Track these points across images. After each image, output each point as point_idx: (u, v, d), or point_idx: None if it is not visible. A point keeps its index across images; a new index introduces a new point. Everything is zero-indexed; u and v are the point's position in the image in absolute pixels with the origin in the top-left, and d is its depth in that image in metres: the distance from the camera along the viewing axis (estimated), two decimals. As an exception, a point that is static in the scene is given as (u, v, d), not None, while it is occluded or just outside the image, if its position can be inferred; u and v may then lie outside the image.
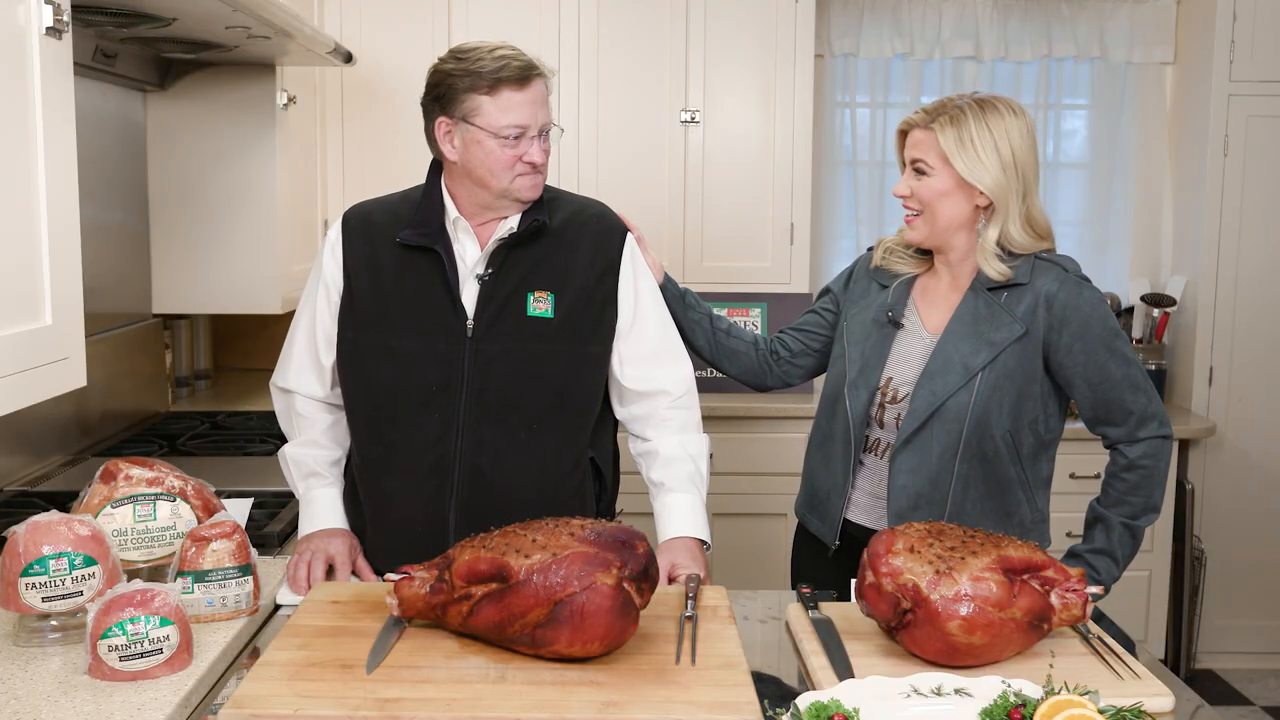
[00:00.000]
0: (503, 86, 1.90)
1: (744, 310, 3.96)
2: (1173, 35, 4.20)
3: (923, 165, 2.01)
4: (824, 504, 2.16)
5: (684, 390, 2.09)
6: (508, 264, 1.98)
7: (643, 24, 3.76)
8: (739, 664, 1.56)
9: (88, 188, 2.03)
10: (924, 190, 2.02)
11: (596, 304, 2.02)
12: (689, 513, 2.02)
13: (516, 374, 1.96)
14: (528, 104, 1.91)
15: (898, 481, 2.04)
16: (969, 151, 1.97)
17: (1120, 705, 1.35)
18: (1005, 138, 1.97)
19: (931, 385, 2.01)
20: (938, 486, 2.02)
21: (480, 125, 1.91)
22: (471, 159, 1.94)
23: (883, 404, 2.08)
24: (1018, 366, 2.00)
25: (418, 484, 1.98)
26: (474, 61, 1.91)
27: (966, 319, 2.03)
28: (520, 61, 1.92)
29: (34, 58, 1.50)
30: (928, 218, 2.03)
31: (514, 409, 1.97)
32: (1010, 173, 1.98)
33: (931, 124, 2.00)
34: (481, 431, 1.96)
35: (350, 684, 1.48)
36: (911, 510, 2.03)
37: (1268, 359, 4.06)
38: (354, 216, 2.06)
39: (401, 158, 3.70)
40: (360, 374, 2.00)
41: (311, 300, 2.07)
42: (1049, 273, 2.01)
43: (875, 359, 2.09)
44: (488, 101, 1.90)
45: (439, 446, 1.96)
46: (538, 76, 1.93)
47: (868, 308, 2.16)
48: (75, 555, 1.60)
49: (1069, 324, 1.99)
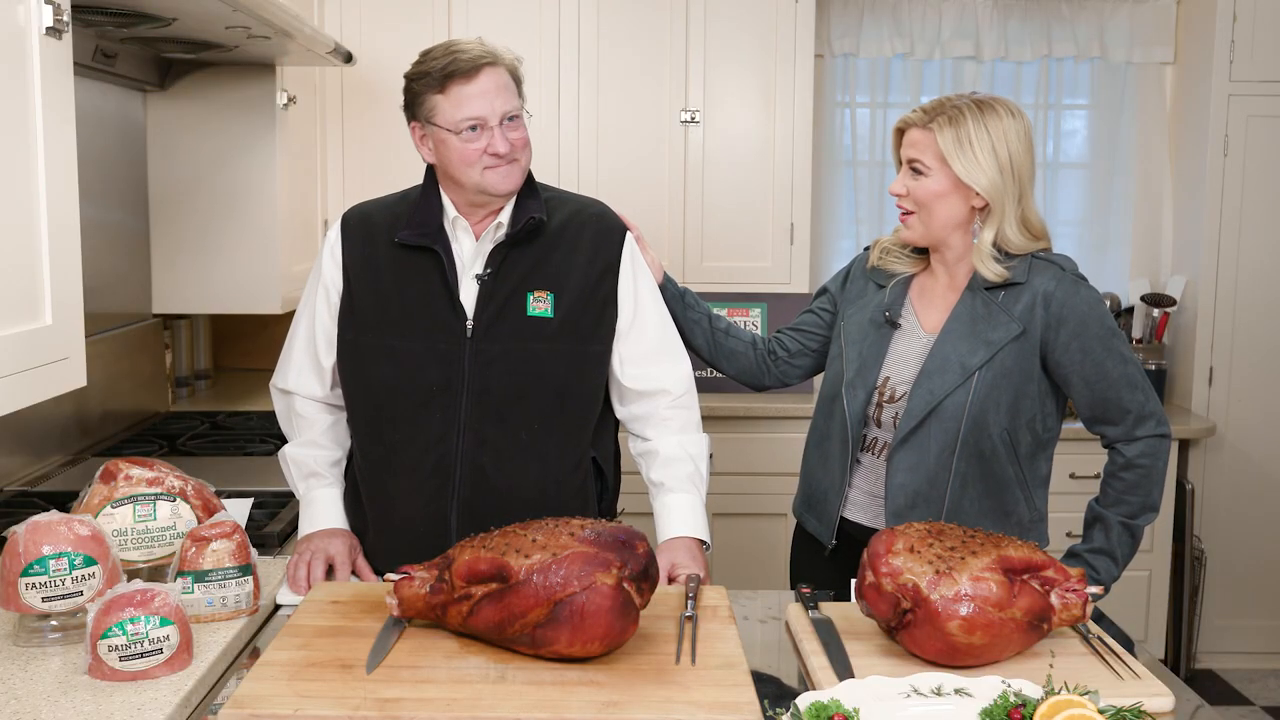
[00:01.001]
0: (451, 82, 1.90)
1: (744, 310, 3.96)
2: (1173, 35, 4.20)
3: (920, 165, 2.01)
4: (821, 503, 2.16)
5: (684, 390, 2.09)
6: (507, 264, 1.98)
7: (643, 24, 3.76)
8: (739, 664, 1.56)
9: (88, 188, 2.03)
10: (920, 191, 2.02)
11: (597, 303, 2.01)
12: (688, 513, 2.02)
13: (517, 374, 1.96)
14: (479, 95, 1.90)
15: (895, 480, 2.04)
16: (967, 153, 1.96)
17: (1120, 705, 1.35)
18: (1003, 140, 1.97)
19: (929, 384, 2.01)
20: (935, 485, 2.02)
21: (440, 124, 1.91)
22: (442, 159, 1.95)
23: (880, 403, 2.08)
24: (1015, 365, 2.00)
25: (419, 484, 1.97)
26: (429, 62, 1.92)
27: (964, 318, 2.03)
28: (469, 54, 1.90)
29: (34, 58, 1.50)
30: (923, 217, 2.04)
31: (515, 409, 1.97)
32: (1007, 175, 1.98)
33: (930, 124, 1.99)
34: (483, 431, 1.96)
35: (350, 684, 1.48)
36: (909, 509, 2.03)
37: (1268, 359, 4.06)
38: (353, 217, 2.06)
39: (401, 158, 3.69)
40: (360, 374, 2.00)
41: (311, 301, 2.07)
42: (1046, 272, 2.01)
43: (873, 359, 2.09)
44: (441, 99, 1.91)
45: (440, 446, 1.96)
46: (488, 65, 1.91)
47: (865, 308, 2.16)
48: (75, 555, 1.60)
49: (1066, 322, 1.99)
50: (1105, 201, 4.32)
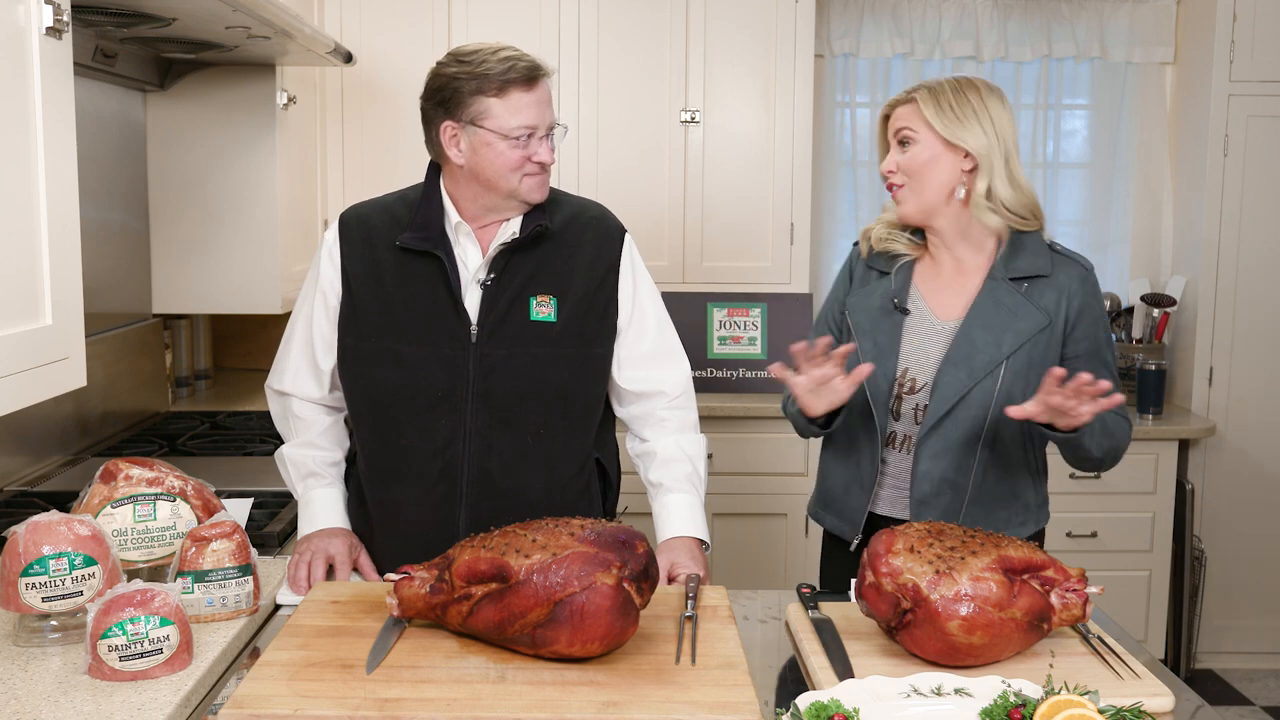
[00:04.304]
0: (511, 88, 1.89)
1: (744, 310, 3.96)
2: (1173, 35, 4.20)
3: (907, 133, 2.05)
4: (841, 499, 2.16)
5: (680, 391, 2.09)
6: (509, 269, 1.97)
7: (643, 24, 3.77)
8: (739, 664, 1.56)
9: (88, 188, 2.03)
10: (909, 161, 2.05)
11: (599, 305, 2.01)
12: (687, 513, 2.02)
13: (522, 379, 1.96)
14: (535, 104, 1.91)
15: (921, 467, 2.05)
16: (949, 114, 2.02)
17: (1120, 705, 1.35)
18: (983, 105, 2.03)
19: (956, 373, 2.03)
20: (961, 472, 2.05)
21: (489, 128, 1.90)
22: (480, 162, 1.92)
23: (899, 395, 2.09)
24: (1041, 356, 2.03)
25: (426, 489, 1.97)
26: (479, 64, 1.89)
27: (987, 307, 2.04)
28: (526, 62, 1.91)
29: (34, 58, 1.50)
30: (915, 188, 2.05)
31: (520, 413, 1.96)
32: (991, 135, 2.02)
33: (913, 94, 2.06)
34: (489, 436, 1.96)
35: (350, 684, 1.48)
36: (935, 495, 2.05)
37: (1268, 359, 4.06)
38: (351, 219, 2.05)
39: (402, 158, 3.71)
40: (363, 379, 2.00)
41: (308, 303, 2.06)
42: (1070, 270, 2.07)
43: (889, 349, 2.09)
44: (496, 103, 1.89)
45: (447, 452, 1.96)
46: (543, 76, 1.93)
47: (870, 294, 2.15)
48: (75, 555, 1.60)
49: (1084, 319, 2.06)
50: (1105, 201, 4.32)
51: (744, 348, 3.96)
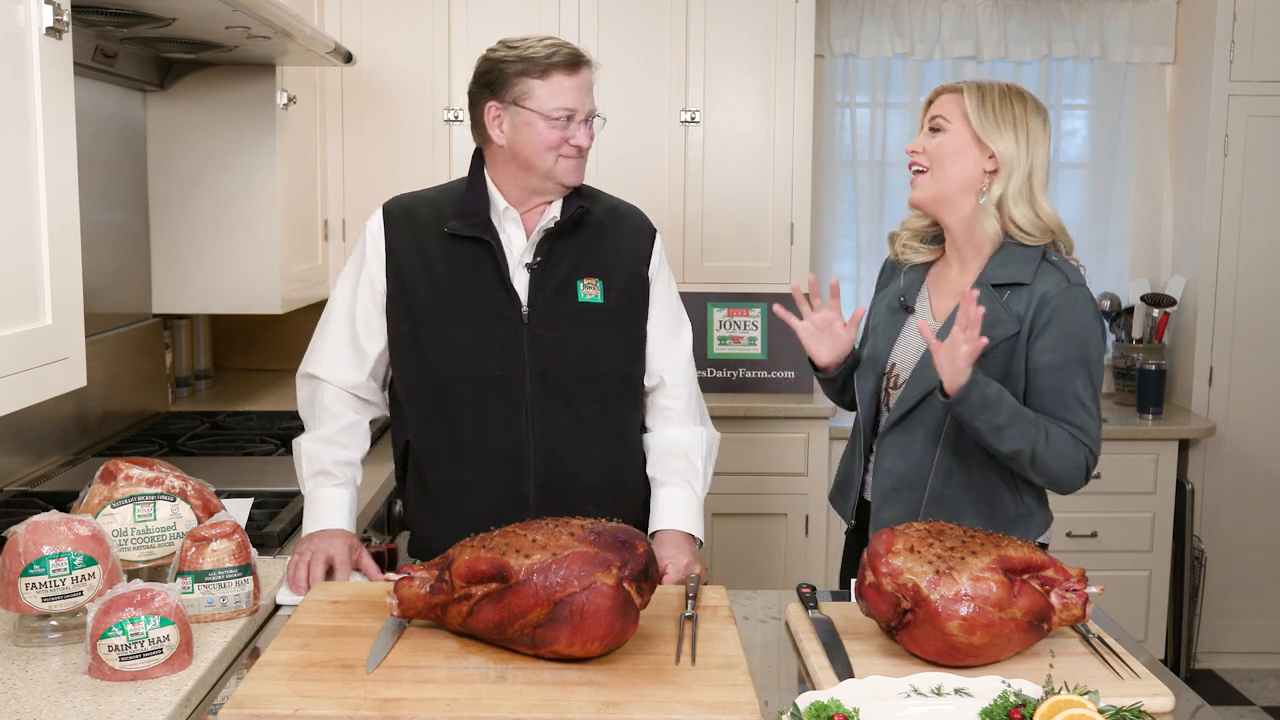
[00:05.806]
0: (554, 71, 1.97)
1: (744, 310, 3.96)
2: (1173, 35, 4.20)
3: (940, 121, 2.05)
4: (843, 485, 2.24)
5: (680, 381, 2.14)
6: (555, 253, 2.04)
7: (643, 24, 3.77)
8: (739, 664, 1.56)
9: (88, 188, 2.03)
10: (936, 146, 2.05)
11: (640, 289, 2.10)
12: (678, 506, 2.06)
13: (576, 358, 2.02)
14: (576, 89, 1.98)
15: (884, 463, 2.08)
16: (988, 113, 2.02)
17: (1120, 705, 1.35)
18: (1024, 117, 2.03)
19: (925, 372, 2.02)
20: (918, 473, 2.05)
21: (531, 108, 1.97)
22: (520, 141, 1.99)
23: (888, 389, 2.11)
24: (1004, 365, 1.99)
25: (495, 469, 2.02)
26: (526, 49, 1.99)
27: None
28: (570, 49, 2.00)
29: (34, 58, 1.50)
30: (935, 174, 2.05)
31: (578, 392, 2.03)
32: (1023, 146, 2.01)
33: (961, 85, 2.07)
34: (552, 414, 2.02)
35: (350, 684, 1.48)
36: (894, 492, 2.07)
37: (1268, 359, 4.06)
38: (395, 209, 2.09)
39: (402, 158, 3.71)
40: (419, 366, 2.04)
41: (351, 288, 2.08)
42: (1051, 277, 2.00)
43: (885, 344, 2.13)
44: (539, 85, 1.97)
45: (510, 432, 2.01)
46: (586, 64, 2.01)
47: (888, 294, 2.20)
48: (75, 555, 1.60)
49: (1051, 330, 1.97)
50: (1105, 201, 4.32)
51: (744, 348, 3.96)
